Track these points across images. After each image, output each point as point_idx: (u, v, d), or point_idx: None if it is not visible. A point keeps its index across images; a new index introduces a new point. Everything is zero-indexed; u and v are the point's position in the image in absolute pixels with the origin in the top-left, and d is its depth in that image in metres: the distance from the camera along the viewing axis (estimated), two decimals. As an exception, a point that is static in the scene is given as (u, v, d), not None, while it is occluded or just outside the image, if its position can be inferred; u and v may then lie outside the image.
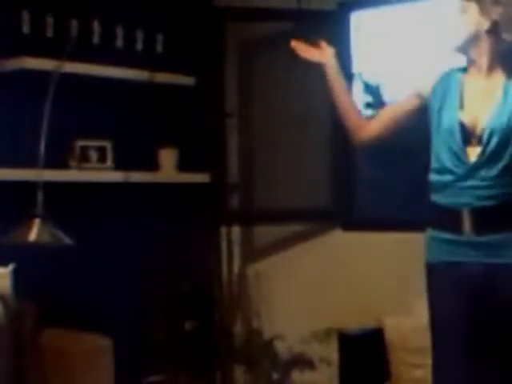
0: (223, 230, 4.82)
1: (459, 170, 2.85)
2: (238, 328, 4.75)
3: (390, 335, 3.88)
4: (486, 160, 2.82)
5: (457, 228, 2.85)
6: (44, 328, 3.65)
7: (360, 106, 4.58)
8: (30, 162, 3.52)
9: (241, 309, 4.77)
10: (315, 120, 4.56)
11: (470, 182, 2.83)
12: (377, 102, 4.63)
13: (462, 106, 2.89)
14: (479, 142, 2.83)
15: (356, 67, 4.49)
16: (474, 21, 2.88)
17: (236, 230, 4.83)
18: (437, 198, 2.91)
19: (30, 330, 3.61)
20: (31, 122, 3.60)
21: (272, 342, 4.55)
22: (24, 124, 3.84)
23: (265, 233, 4.78)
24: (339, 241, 4.49)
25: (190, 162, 4.58)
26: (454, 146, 2.85)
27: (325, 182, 4.53)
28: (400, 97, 3.19)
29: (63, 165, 4.10)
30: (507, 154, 2.81)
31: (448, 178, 2.87)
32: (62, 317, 3.78)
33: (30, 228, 3.31)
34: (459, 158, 2.85)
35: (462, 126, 2.85)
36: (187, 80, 4.50)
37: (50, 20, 4.05)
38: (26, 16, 3.97)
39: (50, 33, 4.05)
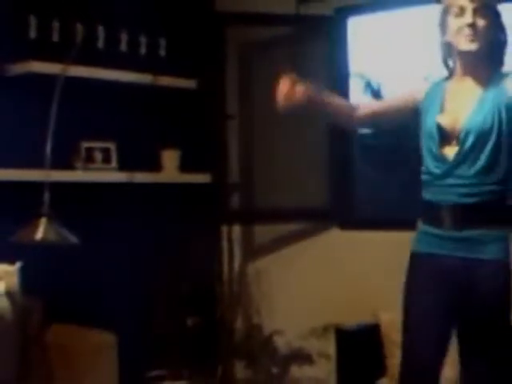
0: (224, 228, 4.83)
1: (439, 170, 2.90)
2: (239, 324, 4.76)
3: (386, 331, 3.89)
4: (463, 159, 2.85)
5: (439, 223, 2.91)
6: (50, 324, 3.67)
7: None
8: (36, 163, 3.52)
9: (241, 305, 4.78)
10: (313, 122, 4.57)
11: (449, 181, 2.89)
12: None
13: (442, 110, 2.94)
14: (458, 141, 2.87)
15: (354, 70, 4.51)
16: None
17: (236, 229, 4.84)
18: (424, 194, 2.98)
19: (37, 325, 3.62)
20: (38, 124, 3.60)
21: (272, 338, 4.56)
22: (31, 126, 3.85)
23: (264, 232, 4.80)
24: (337, 239, 4.50)
25: (192, 163, 4.59)
26: (433, 148, 2.91)
27: (323, 182, 4.54)
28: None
29: (69, 166, 4.11)
30: (486, 152, 2.83)
31: (430, 177, 2.93)
32: (68, 313, 3.79)
33: (36, 227, 3.31)
34: (438, 158, 2.90)
35: (440, 128, 2.90)
36: (189, 83, 4.52)
37: (55, 25, 4.06)
38: (32, 21, 3.99)
39: (55, 37, 4.07)
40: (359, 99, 4.62)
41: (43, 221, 3.30)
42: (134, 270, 4.35)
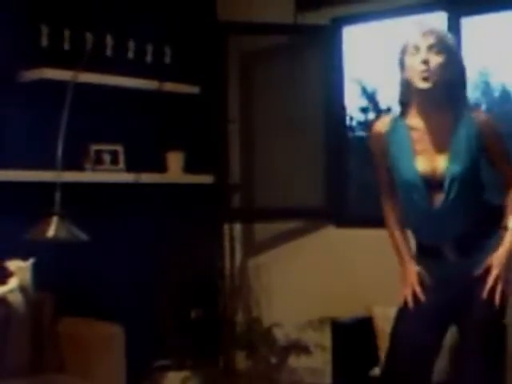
0: (226, 226, 4.83)
1: (424, 217, 2.86)
2: (240, 316, 4.76)
3: (379, 323, 3.90)
4: (450, 204, 2.81)
5: (439, 257, 2.89)
6: (61, 317, 3.67)
7: (356, 110, 4.64)
8: (48, 165, 3.53)
9: (242, 299, 4.78)
10: (311, 125, 4.57)
11: (440, 223, 2.84)
12: (373, 107, 4.67)
13: (414, 154, 2.85)
14: (441, 187, 2.81)
15: (350, 76, 4.52)
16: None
17: (237, 227, 4.85)
18: (416, 235, 2.97)
19: (49, 318, 3.62)
20: (50, 127, 3.60)
21: (271, 330, 4.56)
22: (43, 129, 3.85)
23: (264, 229, 4.80)
24: (332, 236, 4.51)
25: (196, 165, 4.60)
26: (416, 196, 2.85)
27: (319, 182, 4.54)
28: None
29: (79, 167, 4.12)
30: (468, 195, 2.81)
31: (417, 222, 2.92)
32: (78, 306, 3.80)
33: (48, 225, 3.31)
34: (423, 206, 2.84)
35: (422, 176, 2.83)
36: (193, 89, 4.52)
37: (66, 34, 4.07)
38: (44, 30, 3.99)
39: (66, 45, 4.07)
40: (354, 104, 4.65)
41: (55, 219, 3.30)
42: (141, 266, 4.35)
